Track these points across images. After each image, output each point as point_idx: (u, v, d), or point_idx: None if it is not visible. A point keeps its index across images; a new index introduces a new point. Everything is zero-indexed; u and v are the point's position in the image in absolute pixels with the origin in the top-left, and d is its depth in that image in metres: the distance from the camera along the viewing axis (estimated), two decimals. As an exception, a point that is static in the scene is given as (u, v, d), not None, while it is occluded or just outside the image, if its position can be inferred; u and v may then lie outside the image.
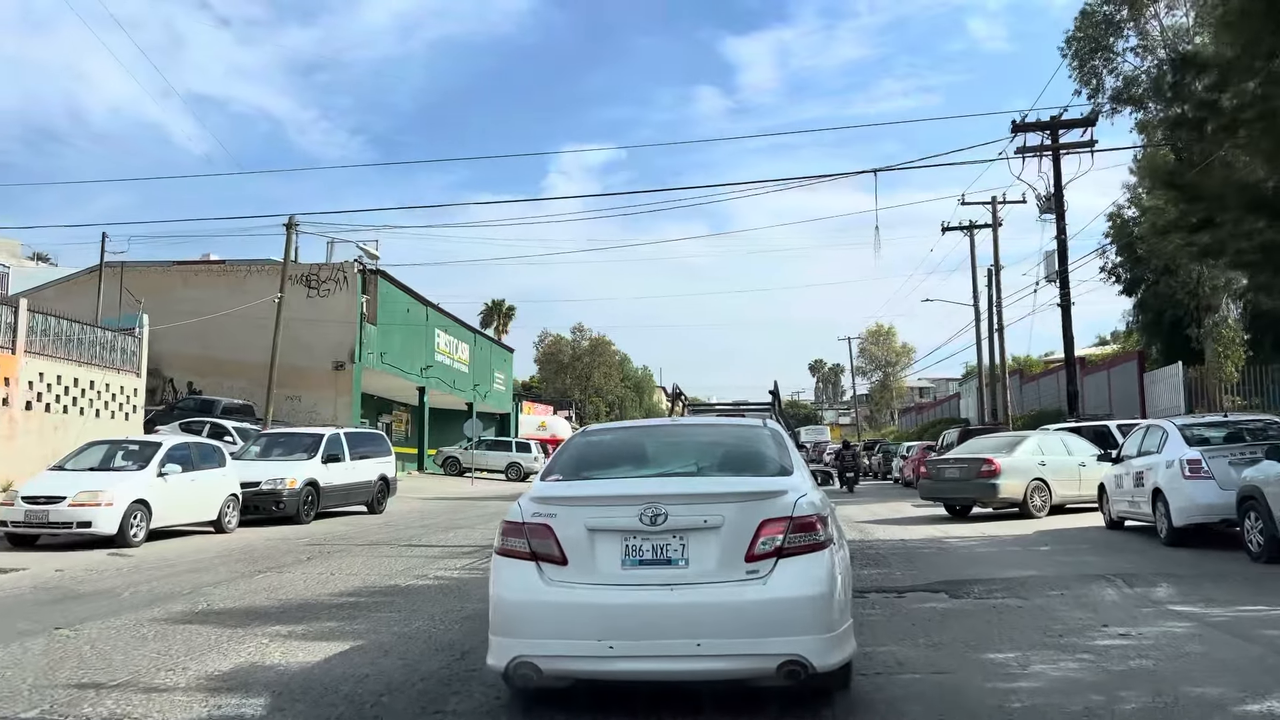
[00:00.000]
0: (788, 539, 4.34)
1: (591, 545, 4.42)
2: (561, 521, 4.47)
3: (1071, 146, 30.73)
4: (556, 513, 4.51)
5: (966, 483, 16.69)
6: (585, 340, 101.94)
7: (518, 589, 4.46)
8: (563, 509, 4.54)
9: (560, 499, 4.68)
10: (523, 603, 4.43)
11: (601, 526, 4.44)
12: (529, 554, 4.47)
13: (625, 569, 4.38)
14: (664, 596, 4.29)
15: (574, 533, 4.43)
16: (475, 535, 14.68)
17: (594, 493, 4.80)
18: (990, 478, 16.11)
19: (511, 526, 4.59)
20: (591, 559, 4.40)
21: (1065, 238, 30.24)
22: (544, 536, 4.46)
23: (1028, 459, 16.39)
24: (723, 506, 4.44)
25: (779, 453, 5.20)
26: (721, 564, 4.34)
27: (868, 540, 13.35)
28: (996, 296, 33.81)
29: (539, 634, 4.35)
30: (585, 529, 4.43)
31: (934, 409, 79.73)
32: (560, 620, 4.34)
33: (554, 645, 4.31)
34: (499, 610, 4.52)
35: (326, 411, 35.53)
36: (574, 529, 4.44)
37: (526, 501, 4.68)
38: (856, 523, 16.10)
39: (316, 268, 36.76)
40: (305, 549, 12.63)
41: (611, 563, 4.39)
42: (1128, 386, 32.80)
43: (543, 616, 4.37)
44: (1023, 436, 17.92)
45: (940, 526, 15.46)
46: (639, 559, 4.39)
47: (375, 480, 19.31)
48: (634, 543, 4.39)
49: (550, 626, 4.34)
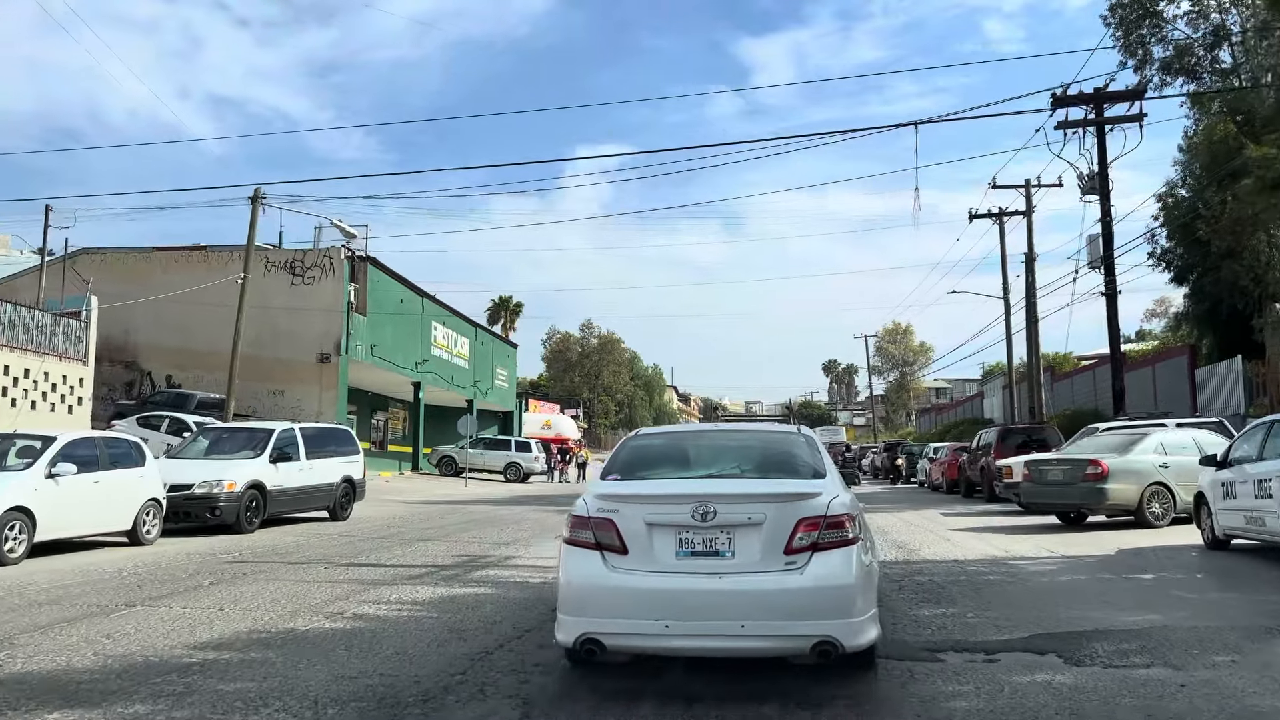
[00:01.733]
0: (822, 535, 4.80)
1: (649, 537, 4.90)
2: (623, 516, 4.95)
3: (1118, 120, 28.23)
4: (619, 509, 4.99)
5: (1069, 487, 14.49)
6: (594, 338, 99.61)
7: (585, 574, 4.93)
8: (624, 505, 5.01)
9: (622, 496, 5.14)
10: (589, 586, 4.89)
11: (658, 521, 4.91)
12: (594, 544, 4.95)
13: (679, 559, 4.85)
14: (713, 583, 4.75)
15: (634, 526, 4.91)
16: (440, 551, 12.25)
17: (652, 491, 5.26)
18: (1097, 481, 13.84)
19: (578, 520, 5.06)
20: (649, 549, 4.88)
21: (1110, 219, 27.75)
22: (607, 529, 4.94)
23: (1145, 460, 14.04)
24: (765, 506, 4.90)
25: (813, 457, 5.66)
26: (763, 556, 4.81)
27: (913, 562, 10.87)
28: (1030, 284, 31.15)
29: (603, 614, 4.82)
30: (644, 523, 4.91)
31: (953, 410, 77.20)
32: (622, 602, 4.80)
33: (617, 624, 4.79)
34: (568, 593, 4.98)
35: (311, 407, 33.19)
36: (634, 523, 4.92)
37: (591, 498, 5.15)
38: (896, 541, 13.62)
39: (301, 253, 34.46)
40: (219, 570, 10.22)
41: (667, 553, 4.87)
42: (1175, 383, 30.14)
43: (607, 599, 4.84)
44: (1141, 434, 15.40)
45: (994, 541, 12.96)
46: (691, 550, 4.86)
47: (338, 482, 16.91)
48: (686, 536, 4.87)
49: (613, 607, 4.81)
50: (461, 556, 11.59)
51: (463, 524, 16.56)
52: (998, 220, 39.34)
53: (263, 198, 22.24)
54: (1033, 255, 31.76)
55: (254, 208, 22.33)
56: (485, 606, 7.84)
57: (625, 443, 6.26)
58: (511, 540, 13.65)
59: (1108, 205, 27.30)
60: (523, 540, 13.65)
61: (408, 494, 26.33)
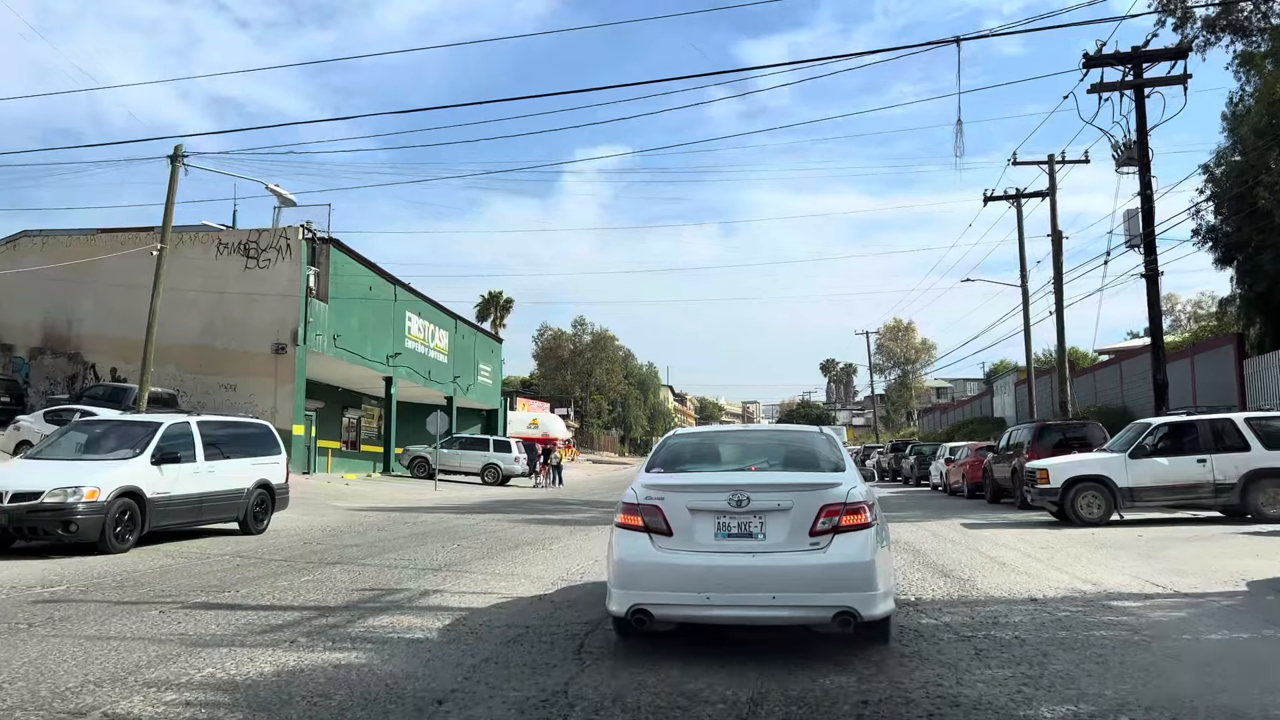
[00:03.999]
0: (842, 519, 5.47)
1: (691, 521, 5.60)
2: (668, 503, 5.66)
3: (1159, 82, 25.30)
4: (664, 496, 5.71)
5: None
6: (587, 335, 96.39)
7: (635, 553, 5.62)
8: (669, 494, 5.72)
9: (667, 486, 5.83)
10: (639, 563, 5.59)
11: (699, 507, 5.63)
12: (643, 527, 5.66)
13: (717, 540, 5.55)
14: (747, 560, 5.45)
15: (678, 512, 5.62)
16: (343, 581, 9.30)
17: (694, 482, 5.99)
18: None
19: (629, 506, 5.78)
20: (691, 532, 5.58)
21: (1151, 191, 24.81)
22: (654, 514, 5.66)
23: None
24: (792, 494, 5.59)
25: (833, 453, 6.32)
26: (791, 537, 5.50)
27: (975, 600, 7.93)
28: (1057, 265, 28.20)
29: (652, 587, 5.52)
30: (686, 509, 5.63)
31: (957, 409, 74.43)
32: (669, 577, 5.50)
33: (664, 595, 5.50)
34: (620, 569, 5.65)
35: (265, 402, 30.19)
36: (678, 509, 5.63)
37: (640, 487, 5.84)
38: (935, 564, 10.69)
39: (256, 233, 31.40)
40: (13, 613, 7.26)
41: (707, 535, 5.57)
42: (1218, 376, 27.22)
43: (655, 574, 5.53)
44: None
45: (1065, 565, 10.05)
46: (728, 532, 5.55)
47: (251, 489, 13.92)
48: (724, 520, 5.56)
49: (661, 581, 5.52)
50: (364, 591, 8.63)
51: (401, 539, 13.59)
52: (1015, 202, 36.49)
53: (183, 156, 19.18)
54: (1059, 234, 28.79)
55: (173, 167, 19.23)
56: (332, 699, 4.90)
57: (665, 440, 6.84)
58: (447, 564, 10.70)
59: (1148, 176, 24.41)
60: (461, 564, 10.70)
61: (364, 499, 23.33)
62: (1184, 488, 15.15)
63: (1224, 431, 15.34)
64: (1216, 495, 15.01)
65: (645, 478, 6.01)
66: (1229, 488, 14.90)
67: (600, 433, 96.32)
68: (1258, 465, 14.87)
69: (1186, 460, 15.19)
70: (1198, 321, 49.87)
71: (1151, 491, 15.25)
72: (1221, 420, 15.58)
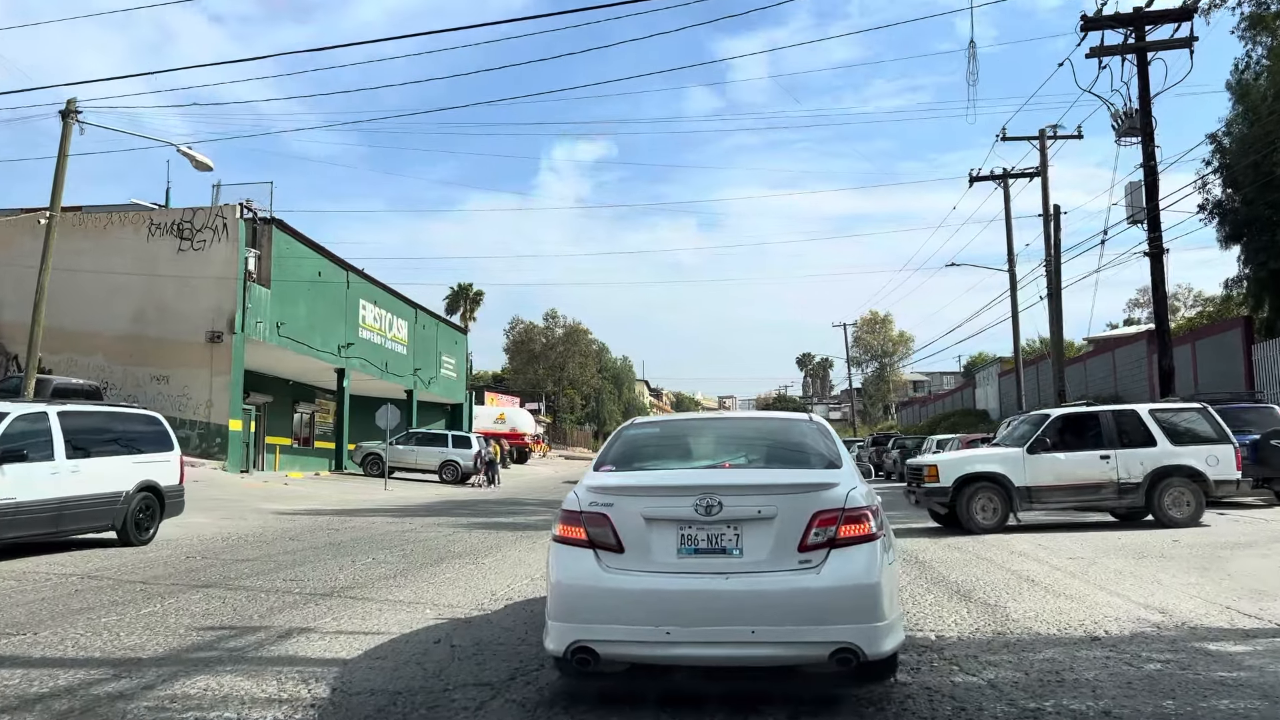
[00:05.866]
0: (840, 530, 4.36)
1: (648, 534, 4.45)
2: (618, 511, 4.50)
3: (1163, 45, 23.56)
4: (613, 502, 4.54)
5: None
6: (559, 328, 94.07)
7: (576, 575, 4.46)
8: (619, 499, 4.55)
9: (617, 488, 4.66)
10: (582, 589, 4.43)
11: (658, 516, 4.46)
12: (586, 542, 4.51)
13: (681, 557, 4.41)
14: (719, 584, 4.31)
15: (631, 522, 4.46)
16: (191, 615, 7.18)
17: (650, 483, 4.83)
18: None
19: (569, 515, 4.61)
20: (648, 547, 4.44)
21: (1155, 163, 23.08)
22: (601, 525, 4.49)
23: None
24: (776, 498, 4.44)
25: (826, 446, 5.16)
26: (775, 553, 4.37)
27: (1016, 638, 5.94)
28: (1055, 242, 26.37)
29: (598, 619, 4.35)
30: (642, 518, 4.46)
31: (936, 402, 73.12)
32: (618, 606, 4.34)
33: (613, 630, 4.33)
34: (558, 596, 4.50)
35: (200, 395, 27.89)
36: (631, 518, 4.47)
37: (583, 490, 4.68)
38: (953, 583, 8.72)
39: (190, 212, 28.97)
40: None
41: (667, 551, 4.42)
42: (1222, 362, 25.55)
43: (601, 603, 4.38)
44: None
45: (1116, 586, 8.10)
46: (694, 548, 4.42)
47: (131, 492, 11.72)
48: (689, 532, 4.42)
49: (609, 612, 4.35)
50: (207, 631, 6.50)
51: (310, 550, 11.45)
52: (1002, 182, 34.76)
53: (76, 112, 16.82)
54: (1056, 209, 26.94)
55: (65, 126, 16.87)
56: None
57: (621, 431, 5.72)
58: (344, 587, 8.58)
59: (1151, 146, 22.68)
60: (362, 586, 8.59)
61: (301, 501, 21.09)
62: (1087, 487, 13.42)
63: (1128, 425, 13.59)
64: (1121, 496, 13.34)
65: (592, 478, 4.88)
66: (1134, 487, 13.22)
67: (573, 428, 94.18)
68: (1165, 462, 13.20)
69: (1089, 456, 13.44)
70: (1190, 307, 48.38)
71: (1051, 491, 13.49)
72: (1126, 412, 13.83)
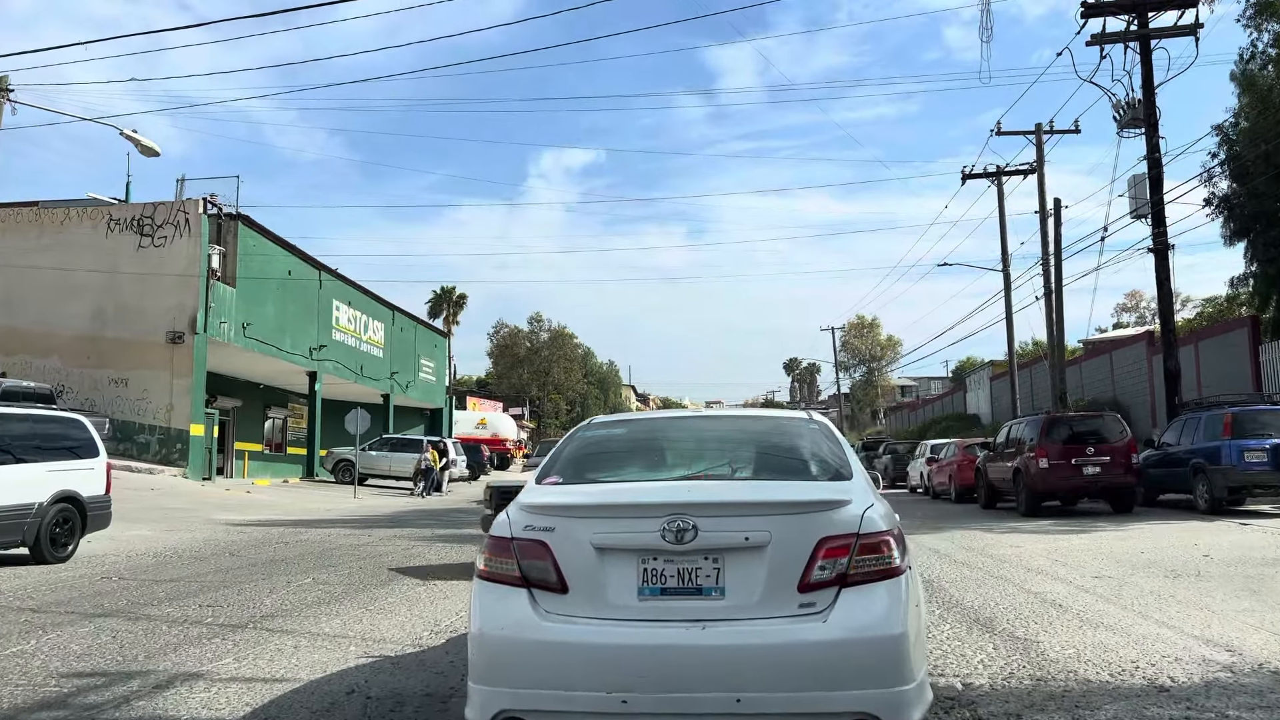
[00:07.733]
0: (853, 563, 3.22)
1: (600, 568, 3.28)
2: (561, 537, 3.32)
3: (1166, 33, 22.69)
4: (555, 526, 3.35)
5: None
6: (544, 332, 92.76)
7: (504, 624, 3.29)
8: (562, 521, 3.37)
9: (559, 508, 3.47)
10: (511, 641, 3.27)
11: (612, 545, 3.30)
12: (519, 579, 3.34)
13: (643, 600, 3.26)
14: (693, 637, 3.17)
15: (577, 552, 3.30)
16: (74, 652, 5.97)
17: (602, 500, 3.59)
18: None
19: (497, 543, 3.42)
20: (599, 586, 3.27)
21: (1160, 155, 22.16)
22: (538, 556, 3.32)
23: None
24: (769, 520, 3.28)
25: (832, 451, 4.02)
26: (767, 595, 3.22)
27: (1065, 694, 4.84)
28: (1056, 237, 25.36)
29: (531, 682, 3.20)
30: (592, 547, 3.29)
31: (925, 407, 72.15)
32: (559, 665, 3.19)
33: (551, 698, 3.18)
34: (480, 651, 3.32)
35: (160, 398, 26.56)
36: (577, 547, 3.30)
37: (516, 511, 3.47)
38: (964, 606, 7.59)
39: (151, 207, 27.66)
40: None
41: (625, 592, 3.27)
42: (1228, 363, 24.58)
43: (536, 660, 3.22)
44: None
45: (1160, 614, 7.00)
46: (660, 587, 3.26)
47: (45, 504, 10.47)
48: (654, 566, 3.27)
49: (546, 673, 3.19)
50: (74, 679, 5.30)
51: (246, 568, 10.23)
52: (996, 179, 33.90)
53: (7, 90, 15.51)
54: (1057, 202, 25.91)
55: (-5, 103, 15.56)
56: None
57: (574, 433, 4.49)
58: (265, 615, 7.38)
59: (1155, 138, 21.76)
60: (287, 614, 7.39)
61: (259, 511, 19.81)
62: None
63: None
64: None
65: (530, 494, 3.67)
66: None
67: (558, 433, 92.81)
68: None
69: None
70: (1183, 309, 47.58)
71: None
72: None
